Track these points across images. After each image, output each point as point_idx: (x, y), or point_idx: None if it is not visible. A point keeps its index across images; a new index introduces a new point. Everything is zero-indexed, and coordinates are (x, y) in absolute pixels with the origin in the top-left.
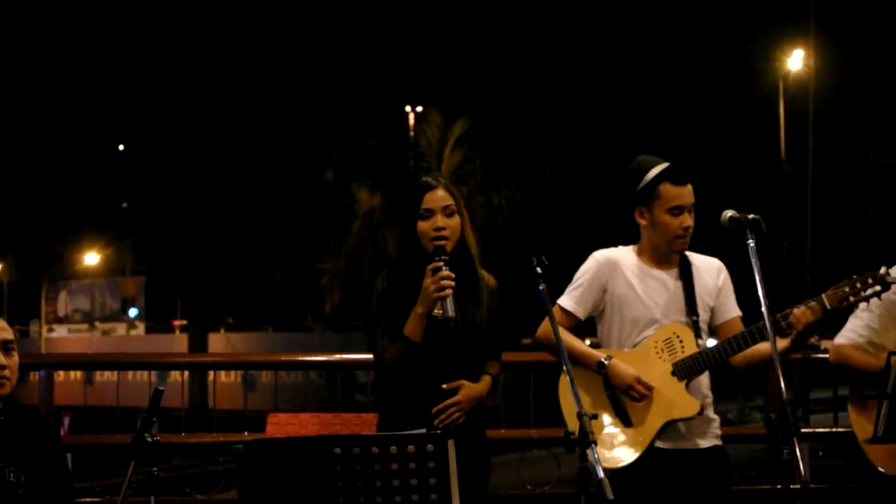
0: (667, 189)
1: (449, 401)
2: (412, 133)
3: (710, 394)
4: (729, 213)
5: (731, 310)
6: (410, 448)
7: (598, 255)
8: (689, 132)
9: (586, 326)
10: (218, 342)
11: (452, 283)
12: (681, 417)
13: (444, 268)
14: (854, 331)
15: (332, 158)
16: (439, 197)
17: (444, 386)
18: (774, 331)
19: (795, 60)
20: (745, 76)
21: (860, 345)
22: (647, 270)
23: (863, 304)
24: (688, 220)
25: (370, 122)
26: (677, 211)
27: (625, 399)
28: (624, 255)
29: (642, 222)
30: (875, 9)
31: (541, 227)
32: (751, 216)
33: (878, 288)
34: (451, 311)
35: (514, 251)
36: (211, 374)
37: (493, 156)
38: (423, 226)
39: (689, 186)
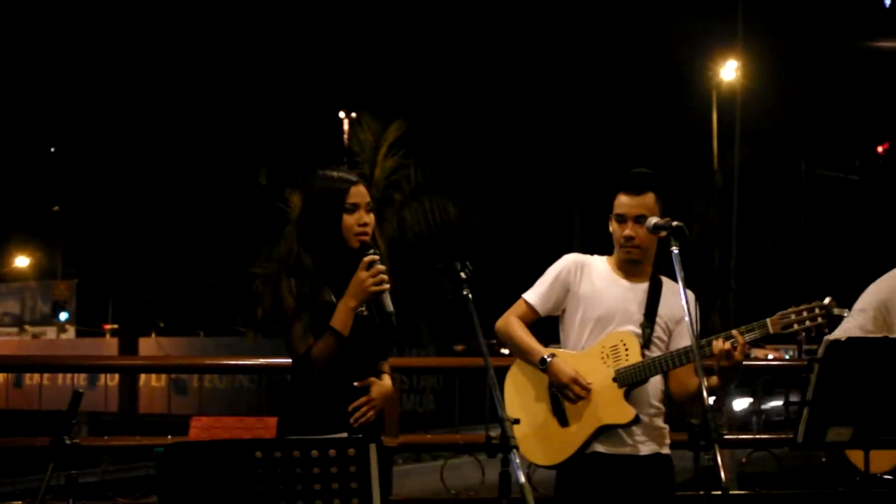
0: (618, 197)
1: (363, 398)
2: (346, 137)
3: (658, 404)
4: (653, 220)
5: (688, 340)
6: (332, 452)
7: (570, 256)
8: (624, 141)
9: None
10: (148, 346)
11: (388, 278)
12: (614, 423)
13: (378, 262)
14: (848, 332)
15: (266, 163)
16: (363, 192)
17: (357, 384)
18: (698, 337)
19: (728, 70)
20: (679, 86)
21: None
22: (614, 278)
23: (857, 306)
24: (630, 229)
25: (303, 126)
26: (620, 219)
27: (563, 400)
28: (596, 261)
29: (611, 230)
30: (807, 17)
31: (474, 232)
32: (674, 223)
33: (821, 320)
34: (389, 306)
35: (445, 256)
36: (141, 377)
37: (427, 160)
38: (348, 220)
39: (642, 197)
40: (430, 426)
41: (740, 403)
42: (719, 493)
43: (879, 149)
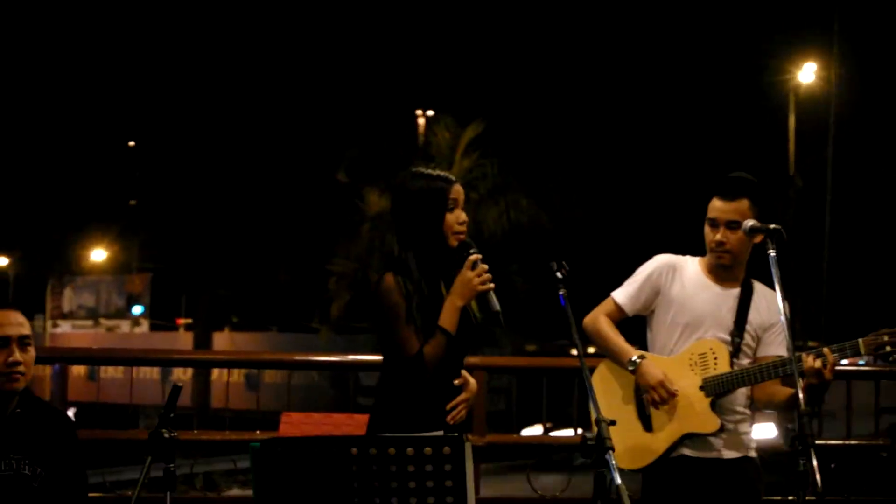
0: (712, 202)
1: (460, 397)
2: (423, 137)
3: (745, 411)
4: (749, 222)
5: (775, 348)
6: (427, 450)
7: (661, 257)
8: (700, 143)
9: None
10: (222, 341)
11: (491, 276)
12: (698, 432)
13: (481, 261)
14: None
15: (344, 160)
16: (460, 191)
17: (456, 382)
18: (794, 347)
19: (807, 73)
20: (757, 89)
21: None
22: (705, 282)
23: None
24: (721, 234)
25: (382, 125)
26: (713, 223)
27: (649, 403)
28: (687, 263)
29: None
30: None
31: (551, 232)
32: (772, 226)
33: None
34: (496, 305)
35: (522, 257)
36: (215, 372)
37: (504, 160)
38: (449, 218)
39: (736, 203)
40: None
41: None
42: (814, 498)
43: None
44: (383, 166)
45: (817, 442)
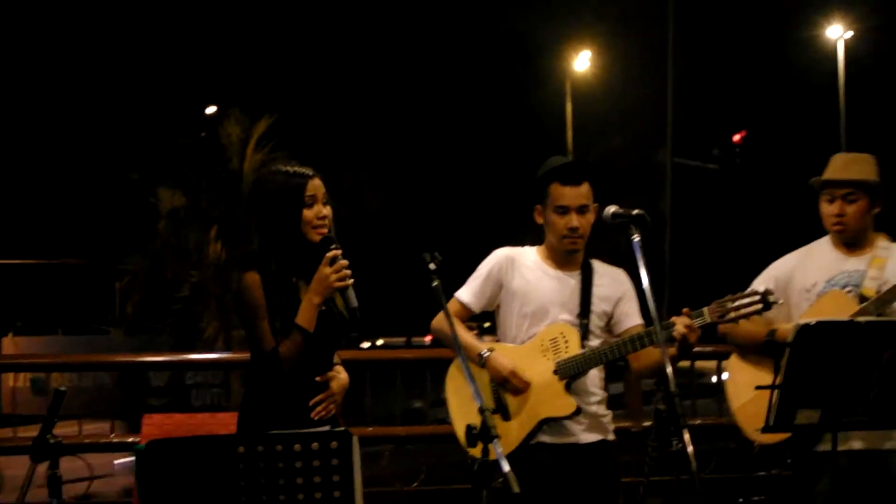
0: (555, 188)
1: (325, 393)
2: (214, 132)
3: (601, 392)
4: (612, 208)
5: (632, 319)
6: (314, 445)
7: (499, 252)
8: (486, 134)
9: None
10: (6, 347)
11: (351, 273)
12: (555, 416)
13: (340, 256)
14: None
15: (135, 159)
16: (319, 185)
17: (318, 378)
18: (661, 328)
19: (581, 61)
20: (534, 77)
21: None
22: (545, 269)
23: (760, 278)
24: (574, 220)
25: (172, 121)
26: (562, 210)
27: (504, 393)
28: (525, 253)
29: (539, 221)
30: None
31: (347, 223)
32: (635, 211)
33: (759, 306)
34: (354, 301)
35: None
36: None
37: (296, 154)
38: (307, 214)
39: (582, 187)
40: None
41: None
42: (688, 476)
43: (736, 137)
44: (174, 163)
45: (690, 422)
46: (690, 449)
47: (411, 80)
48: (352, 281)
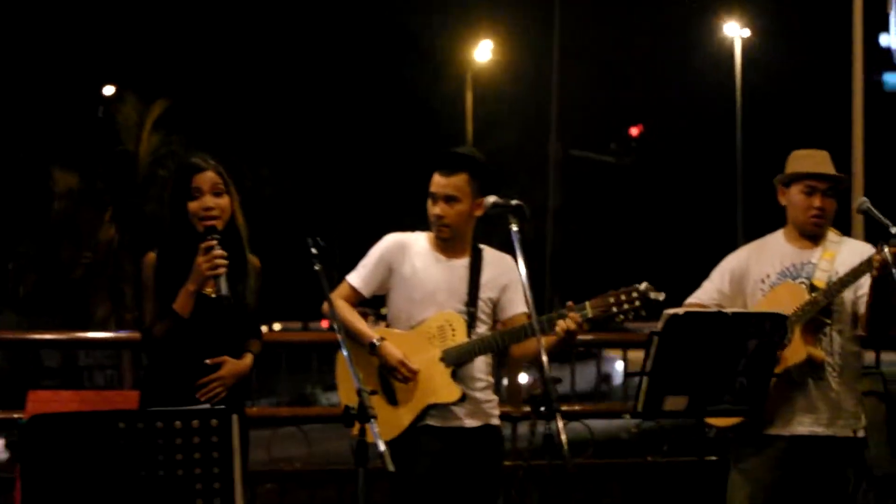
0: (433, 176)
1: (212, 375)
2: (109, 114)
3: (486, 378)
4: (492, 199)
5: (516, 306)
6: (195, 423)
7: (390, 237)
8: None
9: None
10: None
11: (225, 262)
12: (441, 402)
13: (216, 247)
14: (706, 292)
15: (28, 138)
16: (208, 177)
17: (208, 361)
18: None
19: (483, 51)
20: (435, 68)
21: (709, 306)
22: (435, 257)
23: (717, 269)
24: (440, 208)
25: (67, 101)
26: (433, 198)
27: (392, 380)
28: (416, 240)
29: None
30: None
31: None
32: (513, 202)
33: (638, 304)
34: (224, 290)
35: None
36: None
37: (192, 138)
38: (192, 206)
39: (454, 177)
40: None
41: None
42: (561, 461)
43: (633, 131)
44: (69, 143)
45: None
46: (563, 432)
47: (310, 67)
48: (223, 270)
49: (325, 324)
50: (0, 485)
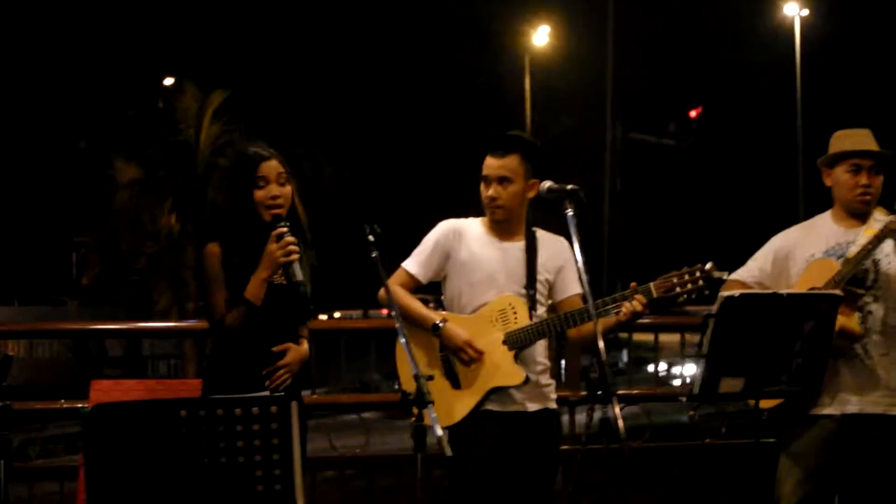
0: (485, 160)
1: (280, 362)
2: (169, 105)
3: (545, 361)
4: (547, 183)
5: (571, 288)
6: (254, 410)
7: (445, 223)
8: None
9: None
10: None
11: (297, 249)
12: (505, 385)
13: (287, 234)
14: (747, 269)
15: (88, 129)
16: (273, 166)
17: (274, 349)
18: (593, 304)
19: (541, 36)
20: (492, 53)
21: (750, 284)
22: (490, 241)
23: (763, 249)
24: (493, 190)
25: (126, 93)
26: (485, 180)
27: (455, 362)
28: (471, 225)
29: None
30: None
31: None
32: (569, 186)
33: (701, 283)
34: (299, 276)
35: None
36: None
37: (252, 126)
38: (259, 194)
39: (506, 159)
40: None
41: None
42: (618, 445)
43: (693, 113)
44: (130, 133)
45: (619, 391)
46: (620, 420)
47: (369, 55)
48: (296, 257)
49: (385, 311)
50: (65, 472)
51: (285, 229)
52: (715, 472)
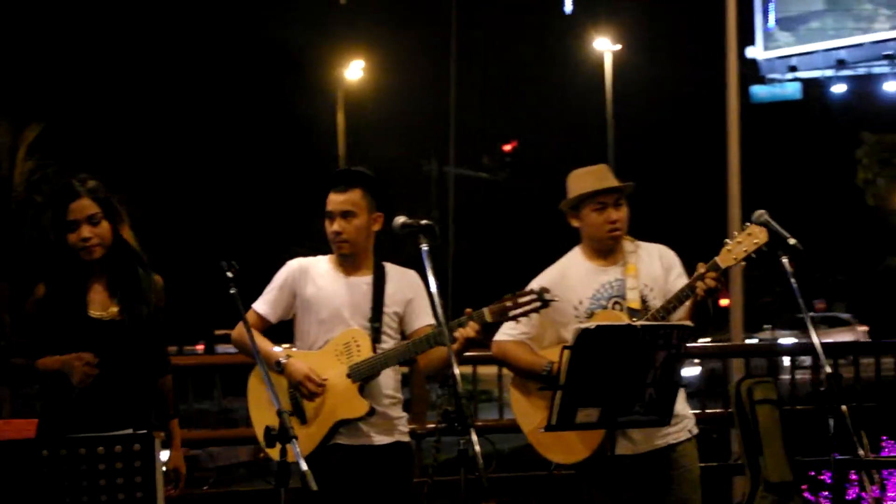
0: (329, 196)
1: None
2: None
3: (394, 394)
4: (401, 219)
5: (422, 319)
6: (118, 448)
7: (292, 262)
8: (268, 139)
9: None
10: None
11: (94, 374)
12: (349, 418)
13: (93, 365)
14: (514, 328)
15: None
16: (83, 206)
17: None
18: (448, 330)
19: (354, 70)
20: (306, 86)
21: (520, 340)
22: (336, 276)
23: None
24: (338, 224)
25: None
26: (329, 216)
27: (301, 399)
28: (317, 263)
29: None
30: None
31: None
32: (423, 221)
33: (537, 304)
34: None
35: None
36: None
37: (67, 162)
38: (71, 238)
39: (349, 193)
40: None
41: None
42: (475, 475)
43: (507, 147)
44: None
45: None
46: (478, 448)
47: (182, 89)
48: (88, 382)
49: (200, 347)
50: None
51: (91, 358)
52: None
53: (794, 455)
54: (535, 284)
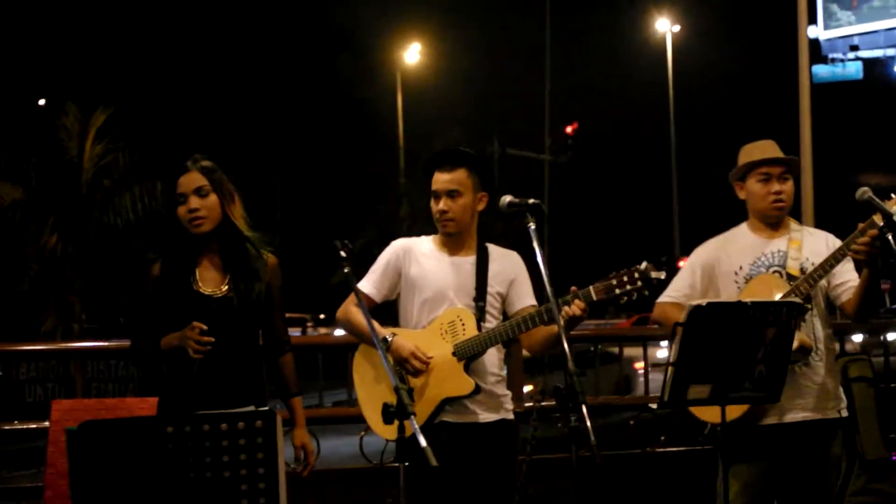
0: (434, 175)
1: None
2: (51, 125)
3: (499, 372)
4: (507, 198)
5: (524, 300)
6: (240, 425)
7: (396, 242)
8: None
9: None
10: None
11: (208, 348)
12: (455, 395)
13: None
14: (676, 289)
15: None
16: (192, 179)
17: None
18: (558, 309)
19: (412, 53)
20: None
21: (680, 302)
22: (440, 256)
23: (685, 263)
24: (443, 203)
25: (7, 116)
26: (435, 195)
27: (407, 376)
28: (420, 242)
29: None
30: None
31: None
32: (531, 200)
33: (640, 283)
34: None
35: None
36: None
37: (136, 146)
38: (180, 210)
39: (454, 173)
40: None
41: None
42: (588, 453)
43: (568, 129)
44: (11, 156)
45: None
46: (589, 424)
47: (245, 73)
48: (200, 356)
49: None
50: (23, 494)
51: (205, 327)
52: (655, 479)
53: (889, 433)
54: (686, 271)
